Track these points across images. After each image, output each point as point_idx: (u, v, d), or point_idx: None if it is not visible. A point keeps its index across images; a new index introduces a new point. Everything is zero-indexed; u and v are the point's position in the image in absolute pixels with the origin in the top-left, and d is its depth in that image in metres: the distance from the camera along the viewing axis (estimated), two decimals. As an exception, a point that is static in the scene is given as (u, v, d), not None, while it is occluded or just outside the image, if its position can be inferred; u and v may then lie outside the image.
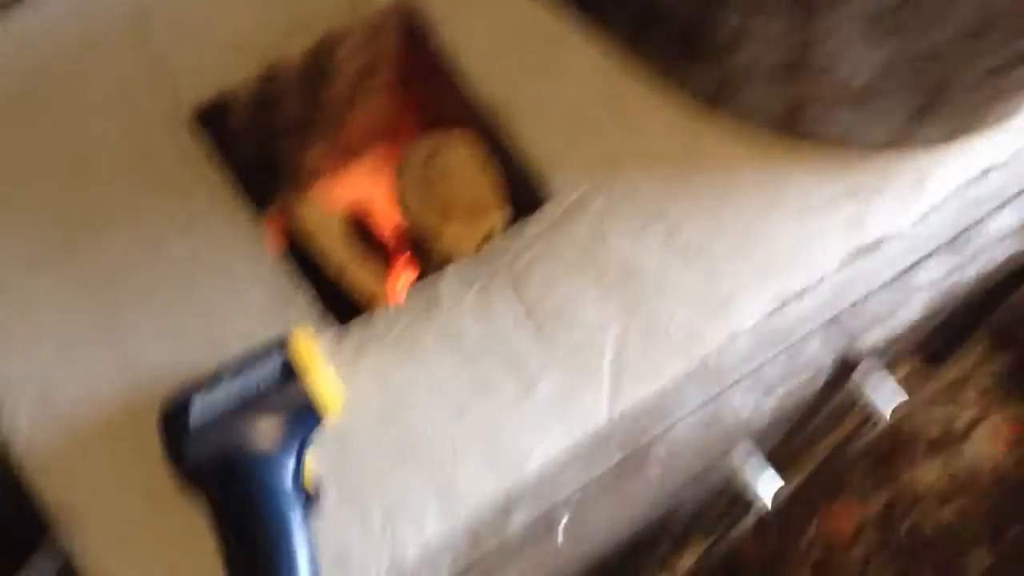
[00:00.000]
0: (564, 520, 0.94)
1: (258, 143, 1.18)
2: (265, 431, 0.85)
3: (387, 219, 1.27)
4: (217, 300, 1.01)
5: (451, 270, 1.03)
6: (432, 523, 0.90)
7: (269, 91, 1.14)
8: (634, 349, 0.99)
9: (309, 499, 0.85)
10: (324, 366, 0.96)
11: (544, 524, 0.93)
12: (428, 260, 1.14)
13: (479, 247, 1.12)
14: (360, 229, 1.30)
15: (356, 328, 1.01)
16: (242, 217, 1.04)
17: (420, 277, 1.20)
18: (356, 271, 1.26)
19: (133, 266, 1.02)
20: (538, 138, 1.06)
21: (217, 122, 1.10)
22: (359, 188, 1.41)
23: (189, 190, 1.05)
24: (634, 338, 1.00)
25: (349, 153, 1.32)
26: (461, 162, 1.15)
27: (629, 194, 1.05)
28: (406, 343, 1.00)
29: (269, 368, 0.88)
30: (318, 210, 1.32)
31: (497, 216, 1.13)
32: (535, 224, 1.04)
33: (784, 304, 1.02)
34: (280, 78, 1.14)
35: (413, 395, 0.94)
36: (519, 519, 0.92)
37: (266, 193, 1.23)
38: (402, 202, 1.13)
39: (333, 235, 1.31)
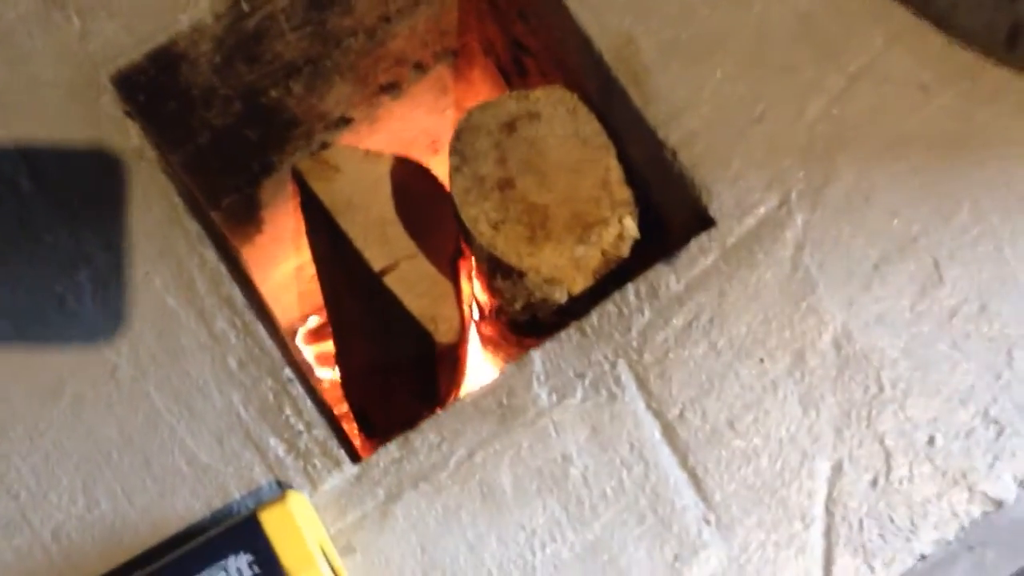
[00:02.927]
0: None
1: (228, 101, 0.74)
2: None
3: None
4: (150, 436, 0.59)
5: (537, 356, 0.59)
6: None
7: (243, 30, 0.69)
8: (865, 506, 0.57)
9: None
10: (327, 554, 0.55)
11: None
12: (516, 294, 0.69)
13: (595, 277, 0.67)
14: (414, 206, 0.86)
15: (384, 460, 0.58)
16: (195, 255, 0.62)
17: (513, 326, 0.76)
18: (412, 276, 0.82)
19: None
20: (692, 106, 0.65)
21: (157, 83, 0.67)
22: (411, 134, 0.95)
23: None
24: (865, 489, 0.56)
25: (391, 86, 0.86)
26: (560, 137, 0.68)
27: (853, 209, 0.61)
28: (464, 485, 0.61)
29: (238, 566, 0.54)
30: (355, 165, 0.87)
31: (617, 229, 0.67)
32: (684, 264, 0.60)
33: None
34: (261, 10, 0.68)
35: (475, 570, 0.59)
36: None
37: (254, 167, 0.79)
38: (465, 208, 0.68)
39: (377, 205, 0.87)
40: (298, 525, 0.56)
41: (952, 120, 0.63)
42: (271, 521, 0.55)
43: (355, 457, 0.61)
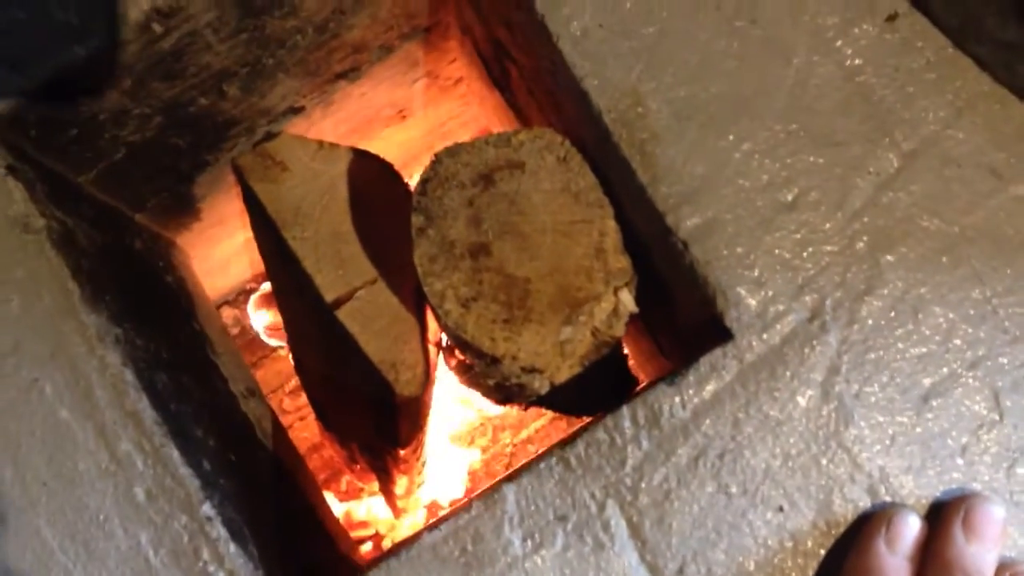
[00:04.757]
0: None
1: (146, 118, 0.61)
2: None
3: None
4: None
5: (510, 493, 0.49)
6: None
7: (157, 52, 0.56)
8: None
9: None
10: None
11: None
12: (489, 375, 0.58)
13: (582, 364, 0.56)
14: (373, 218, 0.74)
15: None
16: (94, 358, 0.51)
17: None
18: (370, 309, 0.70)
19: None
20: (710, 187, 0.53)
21: (49, 119, 0.54)
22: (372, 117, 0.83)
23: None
24: None
25: (349, 71, 0.73)
26: (547, 193, 0.57)
27: (899, 326, 0.51)
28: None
29: None
30: (305, 162, 0.75)
31: (611, 304, 0.56)
32: (692, 385, 0.50)
33: None
34: (178, 29, 0.55)
35: None
36: None
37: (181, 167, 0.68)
38: (429, 281, 0.56)
39: (330, 216, 0.75)
40: None
41: (1028, 216, 0.52)
42: None
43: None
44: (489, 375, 0.60)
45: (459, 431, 1.15)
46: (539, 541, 0.51)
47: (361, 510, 1.09)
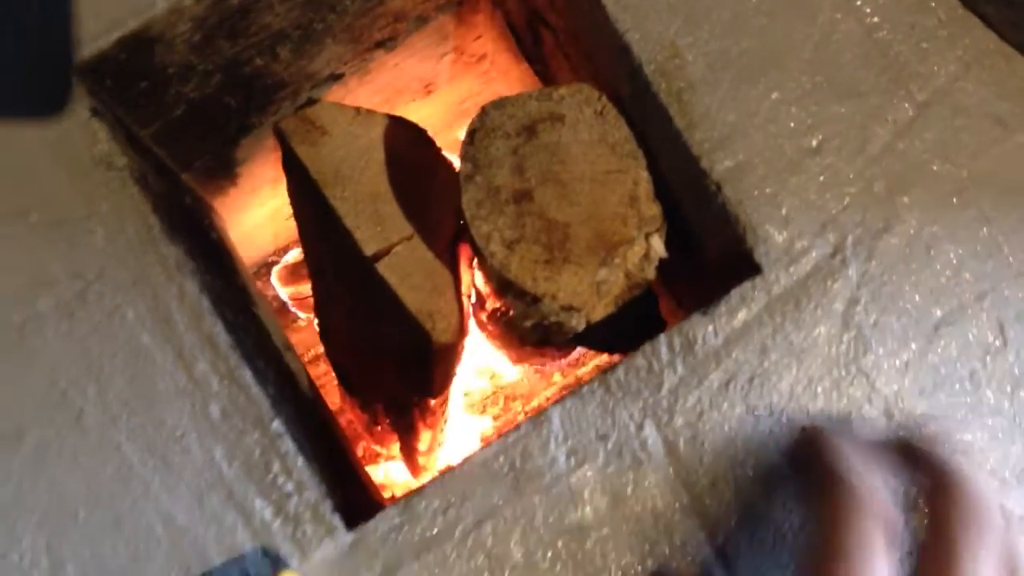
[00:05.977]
0: None
1: (208, 75, 0.65)
2: None
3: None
4: (121, 493, 0.54)
5: (555, 414, 0.53)
6: None
7: (228, 8, 0.60)
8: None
9: None
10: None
11: None
12: (528, 315, 0.62)
13: (616, 304, 0.61)
14: (412, 181, 0.78)
15: (382, 527, 0.53)
16: (174, 285, 0.55)
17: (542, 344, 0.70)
18: (407, 263, 0.75)
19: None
20: (742, 132, 0.58)
21: (127, 68, 0.58)
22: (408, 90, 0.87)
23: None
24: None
25: (387, 40, 0.78)
26: (585, 144, 0.61)
27: (913, 261, 0.57)
28: (471, 559, 0.55)
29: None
30: (344, 126, 0.79)
31: (643, 249, 0.60)
32: (723, 315, 0.55)
33: None
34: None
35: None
36: None
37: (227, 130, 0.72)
38: (476, 224, 0.60)
39: (369, 176, 0.79)
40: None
41: (1031, 161, 0.56)
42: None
43: (352, 522, 0.55)
44: (528, 316, 0.64)
45: (472, 400, 1.20)
46: (582, 458, 0.55)
47: (379, 474, 1.13)
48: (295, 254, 1.14)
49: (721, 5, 0.57)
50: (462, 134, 1.01)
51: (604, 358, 1.19)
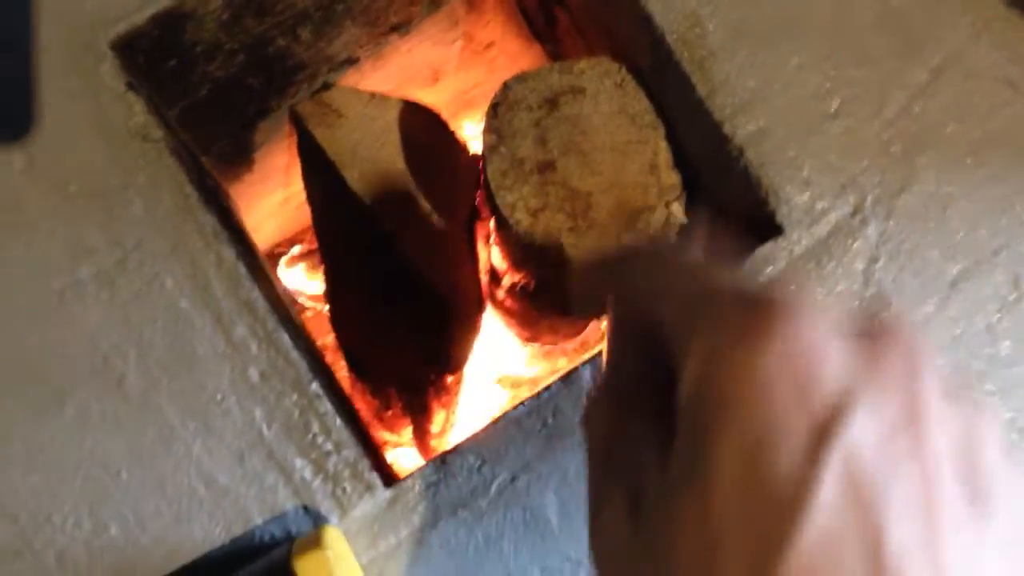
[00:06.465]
0: None
1: (233, 54, 0.67)
2: None
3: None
4: (162, 455, 0.55)
5: (587, 371, 0.55)
6: None
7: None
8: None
9: None
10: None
11: None
12: (554, 287, 0.64)
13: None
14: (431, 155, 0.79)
15: (419, 484, 0.54)
16: (211, 253, 0.56)
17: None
18: (426, 240, 0.76)
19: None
20: (762, 98, 0.59)
21: (159, 45, 0.60)
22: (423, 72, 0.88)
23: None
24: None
25: (402, 24, 0.79)
26: (605, 115, 0.62)
27: (930, 219, 0.58)
28: (506, 512, 0.56)
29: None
30: (359, 109, 0.80)
31: (663, 215, 0.62)
32: (746, 276, 0.55)
33: None
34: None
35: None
36: None
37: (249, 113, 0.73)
38: (501, 193, 0.62)
39: (385, 157, 0.80)
40: (340, 556, 0.51)
41: (1042, 122, 0.58)
42: (307, 570, 0.50)
43: (388, 480, 0.56)
44: (549, 285, 0.66)
45: (480, 384, 1.21)
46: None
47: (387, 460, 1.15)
48: (300, 248, 1.15)
49: (740, -26, 0.59)
50: (465, 125, 1.03)
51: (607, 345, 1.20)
